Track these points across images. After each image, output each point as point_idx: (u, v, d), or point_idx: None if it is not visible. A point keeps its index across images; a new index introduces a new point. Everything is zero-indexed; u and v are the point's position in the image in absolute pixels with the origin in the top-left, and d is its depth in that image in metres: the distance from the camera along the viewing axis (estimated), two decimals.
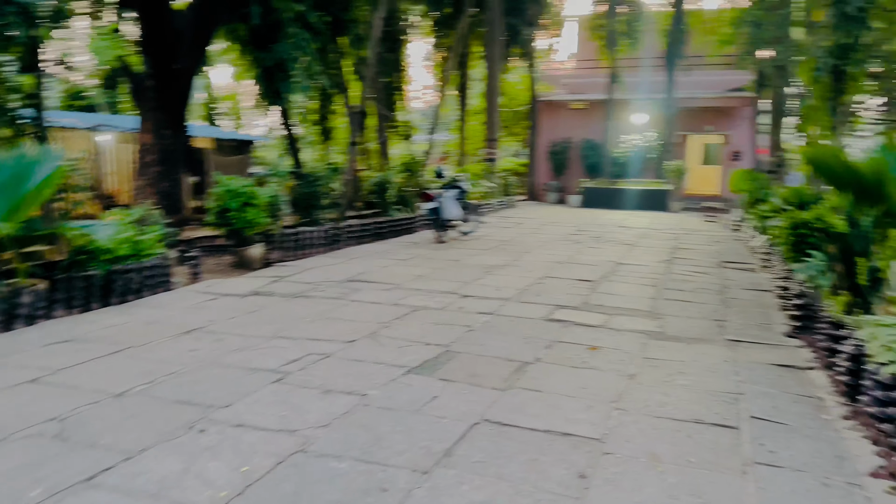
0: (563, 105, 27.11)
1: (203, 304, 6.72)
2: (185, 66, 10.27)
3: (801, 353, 5.44)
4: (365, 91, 12.68)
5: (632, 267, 9.73)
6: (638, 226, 16.30)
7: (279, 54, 12.32)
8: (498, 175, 21.61)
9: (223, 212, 8.82)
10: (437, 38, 26.89)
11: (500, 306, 6.84)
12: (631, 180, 24.01)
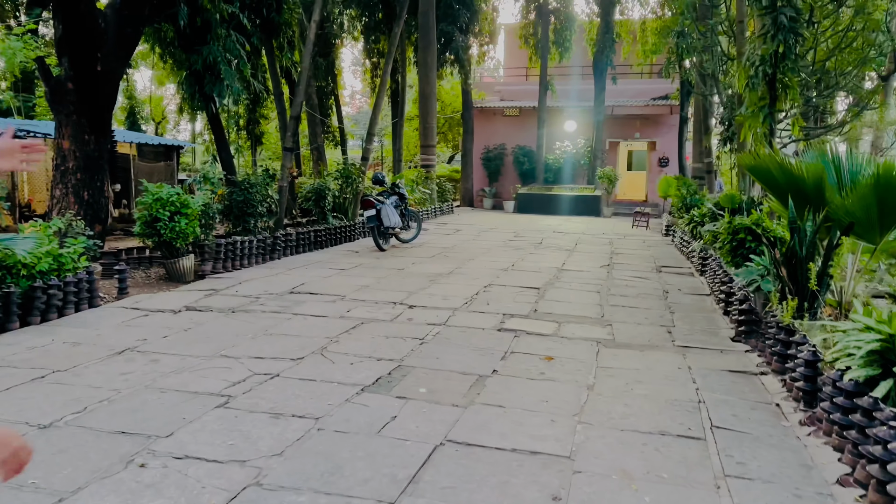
0: (497, 112, 27.32)
1: (133, 322, 6.28)
2: (110, 68, 9.66)
3: (750, 358, 5.52)
4: (299, 96, 12.30)
5: (574, 273, 9.76)
6: (573, 231, 16.50)
7: (209, 56, 11.82)
8: (434, 181, 21.51)
9: (152, 222, 8.33)
10: (369, 44, 26.62)
11: (449, 316, 6.69)
12: (564, 186, 24.42)
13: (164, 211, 8.33)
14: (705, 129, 16.95)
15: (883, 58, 16.36)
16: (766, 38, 7.77)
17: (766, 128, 7.94)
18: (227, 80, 12.17)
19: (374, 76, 28.01)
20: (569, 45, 25.51)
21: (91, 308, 6.79)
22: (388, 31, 25.23)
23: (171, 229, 8.34)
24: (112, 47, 9.76)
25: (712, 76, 15.20)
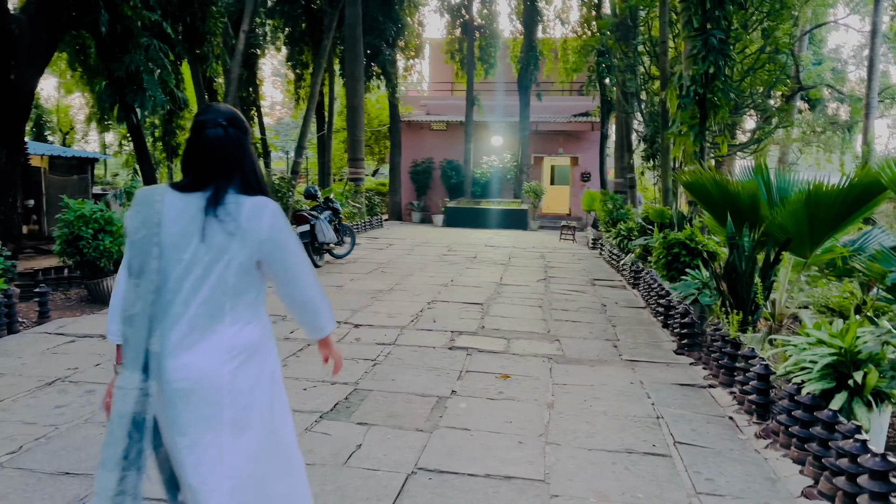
0: (425, 126, 27.42)
1: (60, 349, 5.84)
2: (24, 77, 9.06)
3: (696, 371, 5.68)
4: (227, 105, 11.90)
5: (514, 288, 9.84)
6: (504, 245, 16.69)
7: (131, 65, 11.27)
8: (363, 195, 21.30)
9: (74, 240, 7.81)
10: (293, 55, 26.21)
11: (398, 335, 6.58)
12: (492, 200, 24.71)
13: (88, 229, 7.83)
14: (627, 146, 17.56)
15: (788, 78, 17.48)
16: (697, 59, 8.12)
17: (697, 146, 8.28)
18: (149, 89, 11.63)
19: (297, 87, 27.60)
20: (494, 62, 25.93)
21: (10, 334, 6.28)
22: (312, 42, 24.96)
23: (95, 248, 7.85)
24: (26, 55, 9.17)
25: (635, 95, 15.79)
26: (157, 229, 2.01)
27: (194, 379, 1.99)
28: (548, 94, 27.00)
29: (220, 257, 2.04)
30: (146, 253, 2.00)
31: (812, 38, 26.48)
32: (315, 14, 24.50)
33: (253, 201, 2.08)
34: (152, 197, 2.06)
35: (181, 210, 2.04)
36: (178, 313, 2.02)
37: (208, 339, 2.03)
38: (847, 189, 5.39)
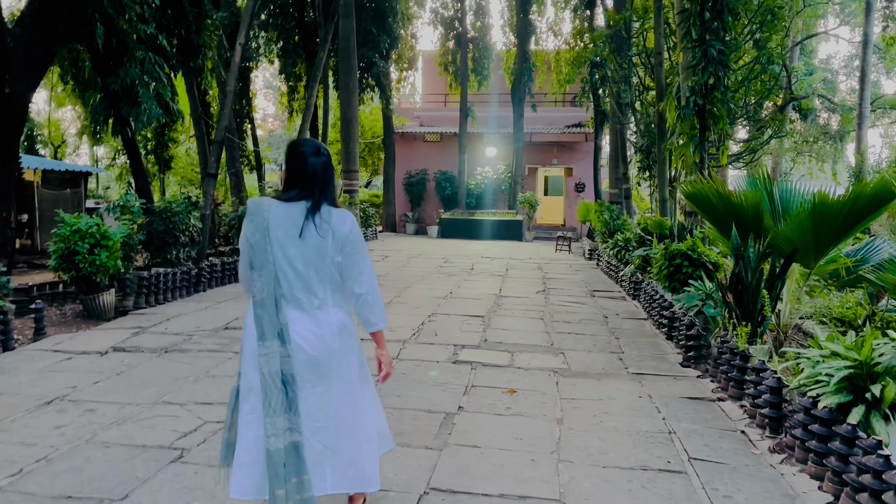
0: (418, 137, 27.43)
1: (57, 366, 5.73)
2: (18, 91, 8.96)
3: (704, 384, 5.62)
4: (224, 119, 11.85)
5: (514, 300, 9.78)
6: (500, 256, 16.64)
7: (126, 78, 11.19)
8: (358, 207, 21.23)
9: (70, 255, 7.70)
10: (286, 67, 26.18)
11: (401, 349, 6.50)
12: (486, 211, 24.71)
13: (84, 243, 7.73)
14: (622, 157, 17.58)
15: (780, 88, 17.58)
16: (696, 69, 8.12)
17: (697, 156, 8.27)
18: (144, 102, 11.54)
19: (290, 99, 27.54)
20: (487, 74, 26.01)
21: (6, 352, 6.16)
22: (306, 54, 24.95)
23: (91, 263, 7.74)
24: (21, 68, 9.08)
25: (630, 106, 15.83)
26: (267, 232, 2.65)
27: (312, 349, 2.67)
28: (541, 105, 27.09)
29: (316, 253, 2.68)
30: (262, 251, 2.66)
31: (803, 48, 26.72)
32: (309, 27, 24.50)
33: (339, 211, 2.76)
34: (261, 207, 2.68)
35: (284, 217, 2.67)
36: (291, 296, 2.69)
37: (316, 317, 2.70)
38: (852, 199, 5.37)
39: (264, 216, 2.65)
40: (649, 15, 14.97)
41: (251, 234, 2.65)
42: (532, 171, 26.79)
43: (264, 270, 2.64)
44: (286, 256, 2.65)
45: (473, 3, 25.90)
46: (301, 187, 2.71)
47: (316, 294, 2.70)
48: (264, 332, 2.62)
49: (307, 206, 2.68)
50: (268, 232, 2.64)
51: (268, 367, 2.59)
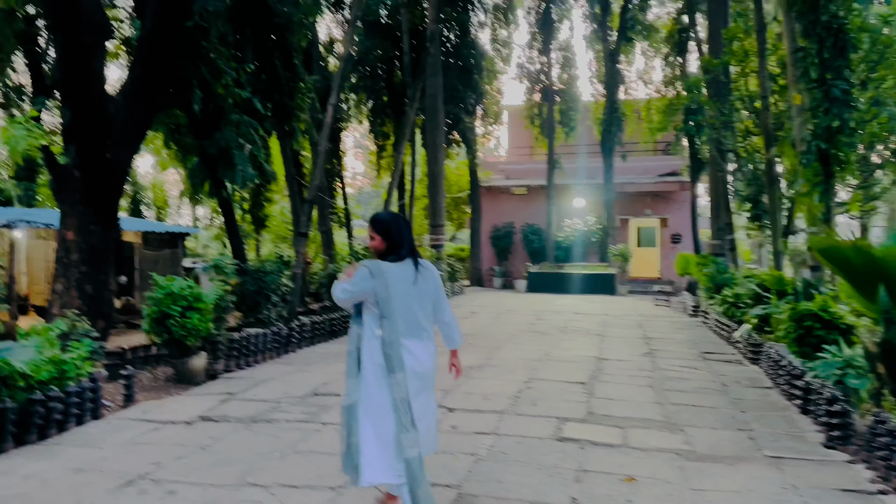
0: (504, 190, 27.18)
1: (143, 438, 5.52)
2: (119, 156, 9.24)
3: (858, 472, 4.76)
4: (315, 179, 11.91)
5: (616, 363, 9.04)
6: (595, 312, 15.83)
7: (222, 142, 11.46)
8: (445, 261, 21.00)
9: (162, 318, 7.66)
10: (374, 127, 26.73)
11: (498, 423, 5.94)
12: (576, 264, 23.94)
13: (176, 306, 7.68)
14: (725, 206, 16.57)
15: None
16: (817, 112, 7.38)
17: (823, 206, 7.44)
18: (240, 165, 11.77)
19: (379, 157, 28.05)
20: (574, 125, 25.62)
21: (95, 420, 6.03)
22: (394, 113, 25.40)
23: (183, 326, 7.66)
24: (122, 135, 9.36)
25: (733, 152, 14.96)
26: (389, 288, 3.46)
27: (418, 369, 3.53)
28: (632, 154, 26.36)
29: (425, 297, 3.62)
30: (387, 303, 3.45)
31: None
32: (396, 87, 25.00)
33: (427, 263, 3.71)
34: (381, 269, 3.48)
35: (398, 274, 3.52)
36: (408, 332, 3.52)
37: (426, 345, 3.61)
38: None
39: (385, 277, 3.45)
40: (750, 59, 14.23)
41: (380, 290, 3.44)
42: (624, 223, 25.88)
43: (391, 318, 3.45)
44: (405, 303, 3.50)
45: (559, 57, 25.77)
46: (399, 250, 3.56)
47: (425, 328, 3.62)
48: (394, 366, 3.42)
49: (411, 263, 3.58)
50: (390, 288, 3.44)
51: (399, 394, 3.41)
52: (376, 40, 23.63)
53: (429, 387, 3.65)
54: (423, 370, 3.54)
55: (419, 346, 3.52)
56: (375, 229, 3.57)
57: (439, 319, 3.77)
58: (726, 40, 14.77)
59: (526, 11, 26.79)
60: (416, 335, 3.52)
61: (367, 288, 3.42)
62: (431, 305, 3.65)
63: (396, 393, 3.38)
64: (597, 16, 23.99)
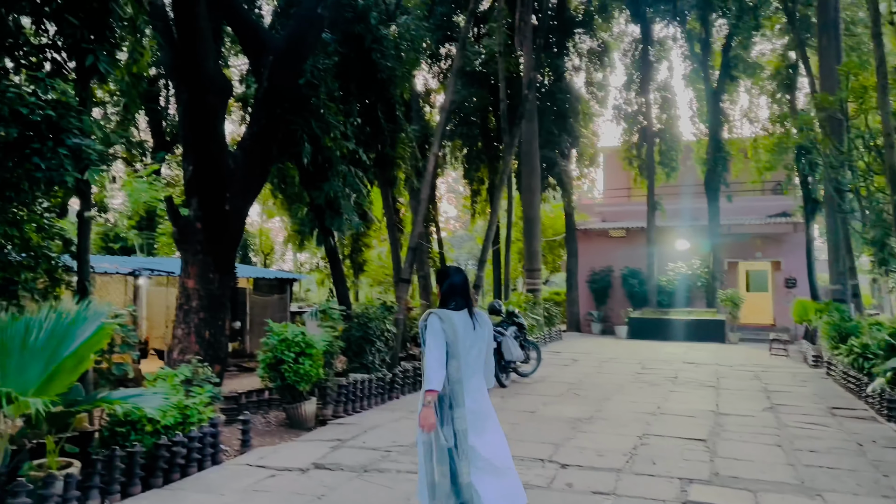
0: (602, 233, 26.66)
1: (261, 485, 5.61)
2: (236, 208, 9.75)
3: None
4: (417, 226, 12.11)
5: (736, 418, 8.48)
6: (705, 361, 15.05)
7: (330, 192, 11.89)
8: (541, 306, 20.69)
9: (276, 364, 7.89)
10: (469, 172, 27.05)
11: (616, 482, 5.65)
12: (680, 310, 22.97)
13: (289, 352, 7.90)
14: (847, 249, 15.49)
15: None
16: None
17: None
18: (346, 213, 12.16)
19: (473, 202, 28.29)
20: (675, 165, 24.93)
21: (214, 465, 6.22)
22: (488, 159, 25.64)
23: (296, 372, 7.86)
24: (239, 187, 9.87)
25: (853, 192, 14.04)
26: (456, 334, 3.90)
27: (481, 408, 3.96)
28: (738, 194, 25.28)
29: (480, 343, 4.06)
30: (455, 345, 3.88)
31: None
32: (491, 133, 25.30)
33: (483, 314, 4.16)
34: (449, 316, 3.95)
35: (460, 322, 3.97)
36: (469, 373, 3.95)
37: (480, 387, 4.04)
38: None
39: (452, 323, 3.92)
40: (870, 94, 13.41)
41: (450, 335, 3.89)
42: (732, 266, 24.71)
43: (457, 359, 3.88)
44: (466, 347, 3.96)
45: (658, 97, 25.30)
46: (458, 299, 4.06)
47: (480, 370, 4.09)
48: (457, 401, 3.85)
49: (467, 312, 4.05)
50: (457, 333, 3.91)
51: (461, 426, 3.81)
52: (472, 89, 24.07)
53: (492, 425, 4.00)
54: (483, 408, 3.98)
55: (477, 386, 4.01)
56: (438, 281, 4.21)
57: (486, 361, 4.21)
58: (842, 76, 14.02)
59: (622, 54, 26.61)
60: (475, 376, 4.01)
61: (438, 334, 3.86)
62: (486, 350, 4.11)
63: (458, 425, 3.80)
64: (697, 55, 23.47)
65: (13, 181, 6.02)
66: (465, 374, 3.91)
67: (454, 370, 3.84)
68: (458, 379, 3.85)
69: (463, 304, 4.02)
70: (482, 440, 3.83)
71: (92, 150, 6.19)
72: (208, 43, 9.11)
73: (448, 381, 3.82)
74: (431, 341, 3.85)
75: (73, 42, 7.05)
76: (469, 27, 17.05)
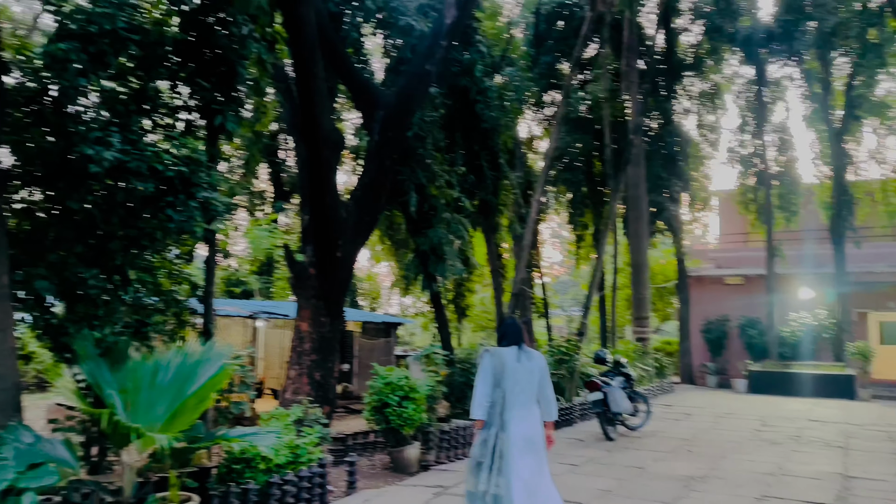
0: (717, 280, 25.50)
1: None
2: (347, 254, 10.21)
3: None
4: (520, 272, 12.15)
5: (866, 482, 7.78)
6: (832, 419, 13.91)
7: (434, 238, 12.20)
8: (651, 356, 19.95)
9: (381, 407, 8.07)
10: (573, 218, 26.86)
11: None
12: (804, 363, 21.42)
13: (394, 396, 8.07)
14: None
15: None
16: None
17: None
18: (450, 259, 12.42)
19: (577, 247, 27.96)
20: (796, 210, 23.61)
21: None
22: (593, 203, 25.37)
23: (400, 415, 8.00)
24: (351, 235, 10.33)
25: None
26: (504, 366, 4.86)
27: (526, 433, 4.76)
28: (867, 240, 23.54)
29: (528, 375, 4.89)
30: (501, 376, 4.83)
31: None
32: (595, 178, 25.09)
33: (533, 351, 5.06)
34: (499, 352, 4.95)
35: (509, 355, 4.92)
36: (512, 402, 4.81)
37: (528, 416, 4.84)
38: None
39: (501, 358, 4.89)
40: None
41: (497, 367, 4.88)
42: (861, 317, 22.88)
43: (500, 387, 4.81)
44: (513, 378, 4.83)
45: (775, 139, 24.20)
46: (510, 339, 5.04)
47: (529, 399, 4.86)
48: (502, 426, 4.73)
49: (516, 349, 4.98)
50: (504, 366, 4.84)
51: (503, 447, 4.66)
52: (576, 135, 24.07)
53: (538, 452, 4.76)
54: (529, 433, 4.76)
55: (524, 412, 4.78)
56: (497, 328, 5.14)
57: (541, 394, 4.95)
58: None
59: (734, 96, 25.79)
60: (522, 404, 4.79)
61: (487, 368, 4.88)
62: (537, 383, 4.93)
63: (501, 446, 4.65)
64: (816, 95, 22.37)
65: (148, 231, 6.61)
66: (511, 403, 4.77)
67: (499, 397, 4.78)
68: (504, 406, 4.75)
69: (513, 343, 4.99)
70: (522, 462, 4.61)
71: (219, 202, 6.71)
72: (325, 101, 9.72)
73: (493, 408, 4.78)
74: (479, 375, 4.89)
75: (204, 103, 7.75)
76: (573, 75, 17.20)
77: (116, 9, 6.39)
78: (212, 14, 7.56)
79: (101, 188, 6.25)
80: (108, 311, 6.24)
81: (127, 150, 5.99)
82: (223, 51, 7.51)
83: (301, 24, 8.78)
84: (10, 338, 5.60)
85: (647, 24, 24.40)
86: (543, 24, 22.71)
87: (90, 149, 5.71)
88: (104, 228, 6.28)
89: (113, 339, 6.03)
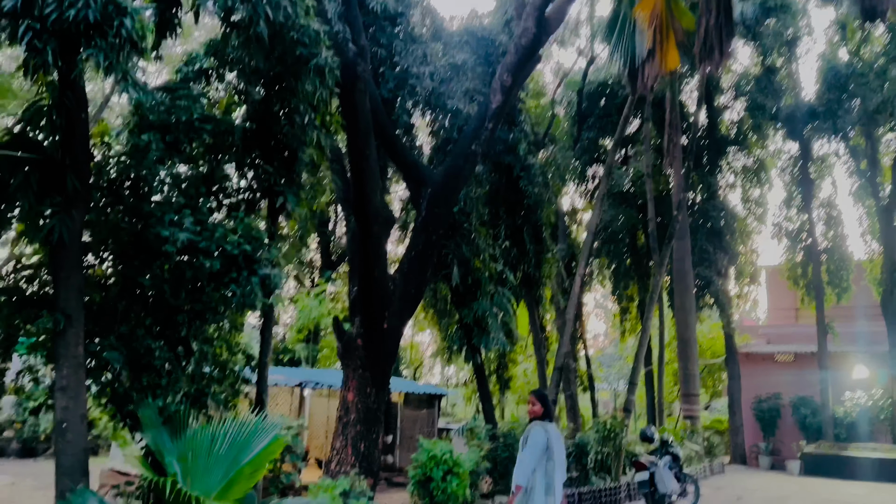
0: (767, 357, 24.87)
1: None
2: (394, 326, 10.49)
3: None
4: (564, 346, 12.21)
5: None
6: None
7: (478, 310, 12.42)
8: (700, 435, 19.42)
9: (426, 482, 8.16)
10: (618, 290, 26.78)
11: None
12: (861, 445, 20.53)
13: (438, 470, 8.16)
14: None
15: None
16: None
17: None
18: (493, 331, 12.58)
19: (622, 320, 27.72)
20: (847, 286, 23.10)
21: None
22: (637, 276, 25.30)
23: (443, 491, 8.07)
24: (398, 307, 10.63)
25: None
26: (550, 439, 5.68)
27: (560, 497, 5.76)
28: None
29: (562, 448, 5.84)
30: (552, 449, 5.66)
31: None
32: (639, 250, 25.11)
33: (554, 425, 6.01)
34: (545, 428, 5.75)
35: (551, 430, 5.79)
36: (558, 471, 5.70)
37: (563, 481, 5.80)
38: None
39: (548, 433, 5.67)
40: None
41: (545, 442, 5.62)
42: None
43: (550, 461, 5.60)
44: (556, 451, 5.68)
45: (822, 214, 23.97)
46: (549, 415, 5.87)
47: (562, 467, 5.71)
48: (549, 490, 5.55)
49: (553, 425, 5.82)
50: (550, 438, 5.64)
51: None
52: (619, 209, 24.29)
53: None
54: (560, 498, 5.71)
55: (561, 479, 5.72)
56: (539, 401, 5.92)
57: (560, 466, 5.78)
58: None
59: (779, 170, 25.77)
60: (562, 473, 5.73)
61: (543, 441, 5.60)
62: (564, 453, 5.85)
63: None
64: (863, 171, 22.25)
65: (212, 305, 7.03)
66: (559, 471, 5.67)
67: (550, 469, 5.59)
68: (553, 475, 5.57)
69: (550, 418, 5.89)
70: None
71: (278, 277, 7.12)
72: (376, 180, 10.25)
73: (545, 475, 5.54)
74: (531, 447, 5.58)
75: (266, 185, 8.31)
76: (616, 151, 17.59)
77: (192, 101, 7.03)
78: (276, 104, 8.20)
79: (171, 265, 6.73)
80: (171, 380, 6.61)
81: (197, 230, 6.48)
82: (285, 137, 8.10)
83: (356, 111, 9.40)
84: (82, 405, 5.97)
85: (689, 102, 24.83)
86: (586, 101, 23.38)
87: (165, 230, 6.21)
88: (172, 302, 6.72)
89: (174, 407, 6.36)
